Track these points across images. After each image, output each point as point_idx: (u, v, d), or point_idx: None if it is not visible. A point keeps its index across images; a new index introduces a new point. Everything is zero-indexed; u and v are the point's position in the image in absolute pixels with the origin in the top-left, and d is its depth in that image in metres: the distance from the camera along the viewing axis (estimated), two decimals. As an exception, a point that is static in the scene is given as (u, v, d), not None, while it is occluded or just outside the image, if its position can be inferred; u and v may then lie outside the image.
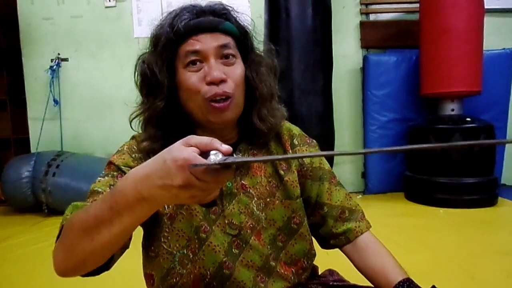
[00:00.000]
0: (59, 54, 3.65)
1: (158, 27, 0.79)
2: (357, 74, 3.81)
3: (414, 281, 0.79)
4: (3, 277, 2.03)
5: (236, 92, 0.76)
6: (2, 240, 2.63)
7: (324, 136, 3.24)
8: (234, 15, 0.80)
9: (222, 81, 0.74)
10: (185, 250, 0.77)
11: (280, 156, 0.54)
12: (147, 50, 0.81)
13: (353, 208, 0.90)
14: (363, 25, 3.77)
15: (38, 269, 2.09)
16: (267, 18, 3.21)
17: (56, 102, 3.60)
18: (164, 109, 0.77)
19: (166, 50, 0.76)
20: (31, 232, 2.77)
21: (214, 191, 0.52)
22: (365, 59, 3.63)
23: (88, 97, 3.70)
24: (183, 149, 0.49)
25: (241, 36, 0.80)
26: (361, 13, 3.79)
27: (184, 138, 0.51)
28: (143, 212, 0.55)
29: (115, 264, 0.71)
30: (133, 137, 0.85)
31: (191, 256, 0.77)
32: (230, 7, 0.80)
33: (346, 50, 3.77)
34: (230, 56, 0.77)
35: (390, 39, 3.74)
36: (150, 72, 0.77)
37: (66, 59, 3.67)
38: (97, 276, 0.68)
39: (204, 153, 0.49)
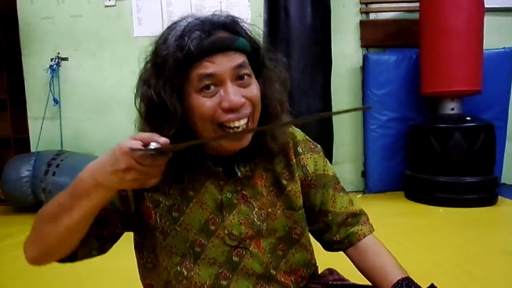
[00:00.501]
0: (59, 53, 3.64)
1: (163, 45, 0.70)
2: (357, 73, 3.80)
3: (414, 280, 0.78)
4: (3, 276, 2.03)
5: (255, 114, 0.73)
6: (2, 239, 2.63)
7: (323, 135, 3.25)
8: (244, 28, 0.74)
9: (241, 106, 0.69)
10: (178, 268, 0.76)
11: (238, 132, 0.62)
12: (147, 70, 0.74)
13: (357, 212, 0.90)
14: (363, 24, 3.77)
15: (38, 268, 2.09)
16: (266, 17, 3.21)
17: (56, 101, 3.60)
18: (173, 137, 0.69)
19: (176, 74, 0.68)
20: (31, 232, 2.77)
21: (154, 176, 0.61)
22: (365, 58, 3.63)
23: (88, 97, 3.70)
24: (128, 140, 0.59)
25: (254, 52, 0.74)
26: (361, 12, 3.78)
27: (132, 135, 0.60)
28: (99, 197, 0.63)
29: (115, 263, 0.72)
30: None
31: (185, 273, 0.76)
32: (239, 18, 0.75)
33: (346, 49, 3.76)
34: (246, 76, 0.71)
35: (390, 38, 3.74)
36: (158, 99, 0.69)
37: (66, 59, 3.67)
38: (96, 275, 0.70)
39: (146, 145, 0.58)
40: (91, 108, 3.71)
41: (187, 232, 0.76)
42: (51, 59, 3.62)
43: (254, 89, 0.72)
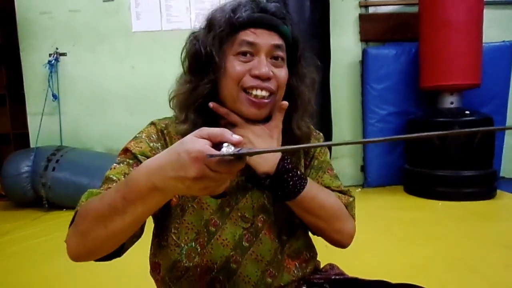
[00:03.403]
0: (57, 48, 3.64)
1: (219, 10, 0.79)
2: (356, 67, 3.80)
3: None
4: (4, 271, 2.04)
5: (278, 93, 0.78)
6: (3, 234, 2.64)
7: (322, 130, 3.24)
8: (291, 23, 0.82)
9: (268, 78, 0.75)
10: (193, 243, 0.78)
11: (293, 146, 0.55)
12: (199, 30, 0.81)
13: (344, 190, 0.90)
14: (362, 18, 3.76)
15: (38, 263, 2.10)
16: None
17: (55, 97, 3.59)
18: (209, 93, 0.77)
19: (224, 33, 0.76)
20: (32, 227, 2.78)
21: (225, 182, 0.53)
22: (364, 52, 3.63)
23: (87, 92, 3.69)
24: (196, 141, 0.50)
25: (293, 44, 0.81)
26: (360, 6, 3.77)
27: (196, 131, 0.52)
28: (155, 202, 0.57)
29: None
30: (152, 123, 0.84)
31: (199, 249, 0.78)
32: (289, 14, 0.82)
33: (345, 43, 3.76)
34: (280, 59, 0.78)
35: (389, 32, 3.73)
36: (205, 51, 0.76)
37: (64, 54, 3.66)
38: (97, 269, 0.69)
39: (216, 145, 0.50)
40: (90, 103, 3.70)
41: (203, 211, 0.78)
42: (50, 54, 3.61)
43: (283, 72, 0.79)
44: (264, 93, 0.76)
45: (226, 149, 0.49)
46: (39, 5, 3.62)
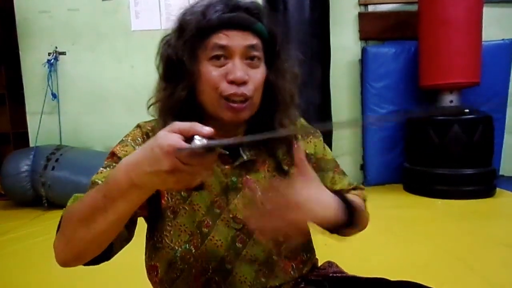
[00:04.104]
0: (56, 47, 3.63)
1: (189, 12, 0.76)
2: (355, 66, 3.80)
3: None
4: (3, 270, 2.04)
5: (255, 95, 0.76)
6: (2, 234, 2.64)
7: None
8: (267, 17, 0.79)
9: (244, 82, 0.73)
10: (187, 245, 0.77)
11: (266, 135, 0.53)
12: (171, 33, 0.78)
13: (355, 185, 0.91)
14: (361, 16, 3.76)
15: (38, 262, 2.10)
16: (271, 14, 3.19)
17: (54, 96, 3.59)
18: (186, 99, 0.76)
19: (194, 38, 0.74)
20: (31, 226, 2.78)
21: (200, 175, 0.54)
22: (363, 51, 3.62)
23: (86, 91, 3.69)
24: (168, 136, 0.51)
25: (270, 40, 0.78)
26: (360, 4, 3.77)
27: (168, 126, 0.53)
28: (135, 198, 0.58)
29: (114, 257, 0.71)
30: (138, 126, 0.84)
31: (193, 250, 0.77)
32: (265, 8, 0.79)
33: (345, 42, 3.75)
34: (255, 59, 0.76)
35: (388, 31, 3.73)
36: (177, 58, 0.75)
37: (63, 53, 3.66)
38: (96, 269, 0.69)
39: (189, 138, 0.51)
40: (90, 103, 3.70)
41: (195, 212, 0.78)
42: (49, 54, 3.61)
43: (260, 72, 0.77)
44: (241, 98, 0.74)
45: (198, 142, 0.50)
46: (38, 4, 3.62)
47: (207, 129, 0.51)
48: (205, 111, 0.78)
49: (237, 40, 0.73)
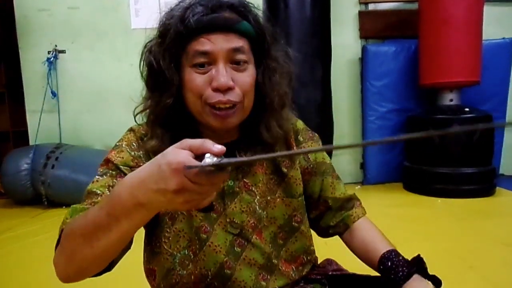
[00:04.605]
0: (56, 46, 3.63)
1: (168, 16, 0.72)
2: (356, 64, 3.80)
3: (400, 253, 0.81)
4: (3, 269, 2.05)
5: (244, 100, 0.72)
6: (2, 232, 2.64)
7: (323, 127, 3.25)
8: (254, 13, 0.74)
9: (229, 88, 0.69)
10: (186, 251, 0.76)
11: (277, 154, 0.50)
12: (154, 38, 0.75)
13: (351, 197, 0.91)
14: (362, 15, 3.75)
15: (38, 261, 2.10)
16: (265, 8, 3.19)
17: (54, 94, 3.59)
18: (172, 106, 0.72)
19: (174, 45, 0.70)
20: (31, 224, 2.78)
21: (210, 195, 0.51)
22: (364, 49, 3.62)
23: (86, 89, 3.69)
24: (178, 152, 0.48)
25: (258, 38, 0.74)
26: (360, 3, 3.76)
27: (178, 143, 0.50)
28: (140, 217, 0.54)
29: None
30: (131, 130, 0.81)
31: (192, 256, 0.76)
32: (251, 3, 0.74)
33: (345, 41, 3.75)
34: (241, 62, 0.71)
35: (389, 29, 3.72)
36: (157, 66, 0.71)
37: (63, 51, 3.65)
38: None
39: (199, 156, 0.48)
40: (90, 101, 3.70)
41: (193, 218, 0.77)
42: (49, 52, 3.60)
43: (246, 76, 0.72)
44: (227, 105, 0.70)
45: (209, 160, 0.47)
46: (37, 2, 3.61)
47: (219, 147, 0.48)
48: (195, 118, 0.75)
49: (219, 43, 0.69)
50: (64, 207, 3.10)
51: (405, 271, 0.76)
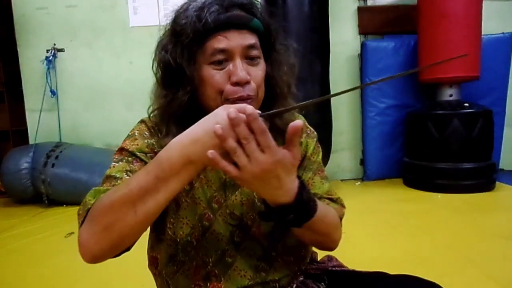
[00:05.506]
0: (54, 44, 3.62)
1: (183, 15, 0.74)
2: (355, 60, 3.79)
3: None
4: (4, 267, 2.05)
5: (259, 92, 0.76)
6: (3, 231, 2.64)
7: (322, 123, 3.24)
8: (260, 10, 0.77)
9: (247, 82, 0.73)
10: (189, 237, 0.78)
11: (306, 102, 0.54)
12: (164, 37, 0.77)
13: (333, 199, 0.88)
14: (360, 10, 3.74)
15: (39, 259, 2.11)
16: (263, 4, 3.17)
17: (53, 93, 3.59)
18: (187, 103, 0.75)
19: (192, 43, 0.72)
20: (32, 223, 2.79)
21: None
22: (363, 45, 3.62)
23: (85, 88, 3.69)
24: (227, 107, 0.57)
25: (265, 34, 0.78)
26: (359, -1, 3.76)
27: (220, 107, 0.59)
28: (188, 175, 0.60)
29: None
30: (142, 121, 0.83)
31: (194, 243, 0.78)
32: (257, 0, 0.78)
33: (344, 37, 3.74)
34: (255, 58, 0.75)
35: (388, 25, 3.72)
36: (175, 64, 0.73)
37: (62, 50, 3.65)
38: (96, 265, 0.67)
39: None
40: (89, 99, 3.70)
41: (196, 205, 0.78)
42: (47, 50, 3.60)
43: (259, 70, 0.76)
44: (247, 100, 0.73)
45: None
46: (35, 0, 3.61)
47: (252, 107, 0.55)
48: (207, 113, 0.76)
49: (236, 40, 0.72)
50: (64, 205, 3.11)
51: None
